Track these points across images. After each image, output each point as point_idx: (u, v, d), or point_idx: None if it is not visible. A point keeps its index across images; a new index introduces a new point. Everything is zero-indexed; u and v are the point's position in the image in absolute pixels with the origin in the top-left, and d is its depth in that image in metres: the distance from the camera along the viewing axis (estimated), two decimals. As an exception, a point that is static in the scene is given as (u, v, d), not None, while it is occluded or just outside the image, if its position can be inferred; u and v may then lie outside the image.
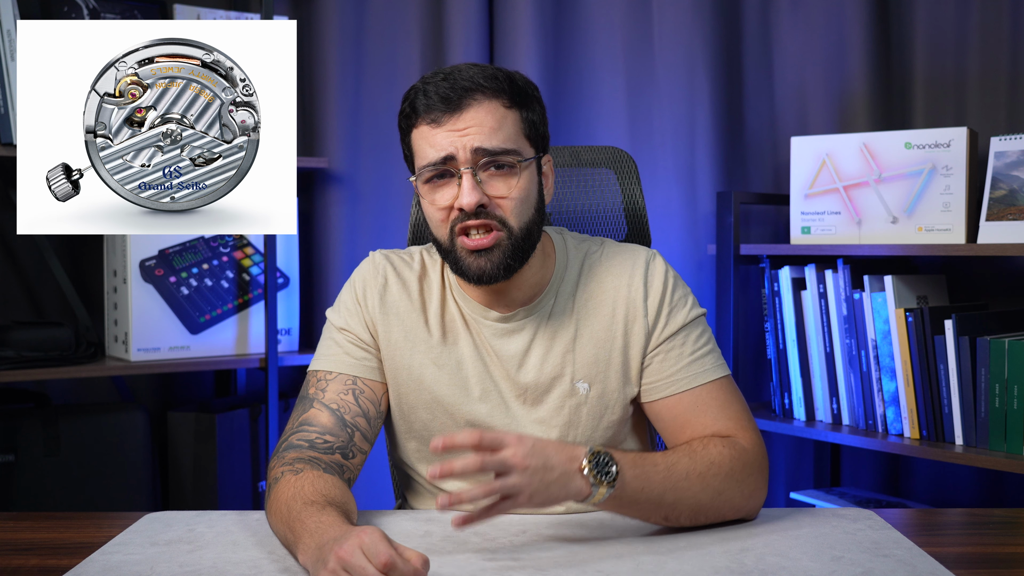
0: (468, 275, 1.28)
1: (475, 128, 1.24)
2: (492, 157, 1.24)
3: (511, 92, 1.27)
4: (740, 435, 1.29)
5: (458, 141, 1.24)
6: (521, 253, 1.28)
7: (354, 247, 2.58)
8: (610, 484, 1.14)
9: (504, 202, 1.26)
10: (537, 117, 1.31)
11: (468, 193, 1.23)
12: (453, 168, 1.25)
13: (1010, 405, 1.97)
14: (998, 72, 2.30)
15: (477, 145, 1.23)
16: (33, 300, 2.44)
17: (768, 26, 2.54)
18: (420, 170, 1.27)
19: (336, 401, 1.31)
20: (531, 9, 2.50)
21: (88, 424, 2.27)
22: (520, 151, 1.27)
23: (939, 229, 2.14)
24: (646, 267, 1.37)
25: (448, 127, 1.24)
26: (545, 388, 1.33)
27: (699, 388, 1.32)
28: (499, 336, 1.34)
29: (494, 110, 1.25)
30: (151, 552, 1.16)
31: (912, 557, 1.13)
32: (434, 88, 1.25)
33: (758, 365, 2.54)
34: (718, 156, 2.54)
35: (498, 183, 1.26)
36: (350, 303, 1.38)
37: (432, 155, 1.25)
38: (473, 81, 1.24)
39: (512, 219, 1.26)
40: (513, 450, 1.09)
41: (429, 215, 1.29)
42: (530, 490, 1.10)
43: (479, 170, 1.24)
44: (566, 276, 1.37)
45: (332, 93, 2.56)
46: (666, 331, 1.34)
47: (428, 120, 1.25)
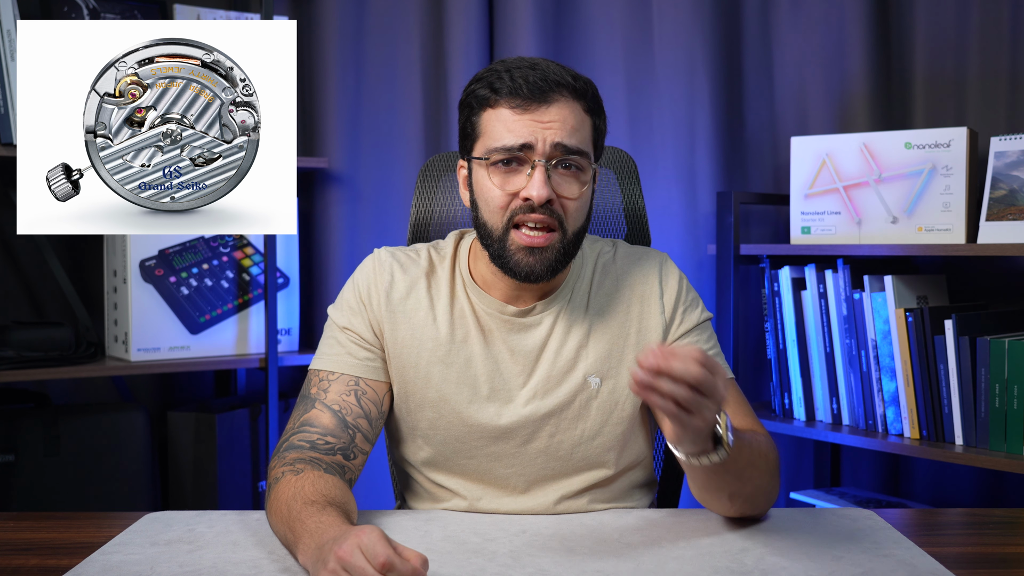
0: (516, 271, 1.28)
1: (559, 123, 1.24)
2: (568, 155, 1.25)
3: (590, 97, 1.29)
4: (763, 432, 1.32)
5: (540, 132, 1.24)
6: (568, 257, 1.30)
7: (354, 247, 2.58)
8: (729, 448, 1.12)
9: (569, 203, 1.27)
10: (603, 128, 1.33)
11: (540, 186, 1.23)
12: (526, 157, 1.25)
13: (1010, 405, 1.97)
14: (998, 72, 2.30)
15: (558, 140, 1.24)
16: (33, 300, 2.44)
17: (768, 26, 2.54)
18: (491, 151, 1.26)
19: (338, 402, 1.31)
20: (531, 9, 2.50)
21: (88, 424, 2.27)
22: (591, 156, 1.29)
23: (939, 229, 2.14)
24: (660, 267, 1.40)
25: (532, 116, 1.24)
26: (557, 381, 1.34)
27: None
28: (516, 331, 1.34)
29: (576, 111, 1.27)
30: (151, 552, 1.16)
31: (912, 557, 1.13)
32: (521, 75, 1.24)
33: (758, 365, 2.54)
34: (718, 156, 2.54)
35: (568, 183, 1.27)
36: (353, 302, 1.37)
37: (510, 140, 1.24)
38: (562, 78, 1.26)
39: (570, 221, 1.27)
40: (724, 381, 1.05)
41: (487, 199, 1.28)
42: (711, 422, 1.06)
43: (552, 166, 1.25)
44: (582, 273, 1.39)
45: (332, 93, 2.56)
46: (682, 327, 1.37)
47: (512, 104, 1.25)
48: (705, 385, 1.02)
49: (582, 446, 1.34)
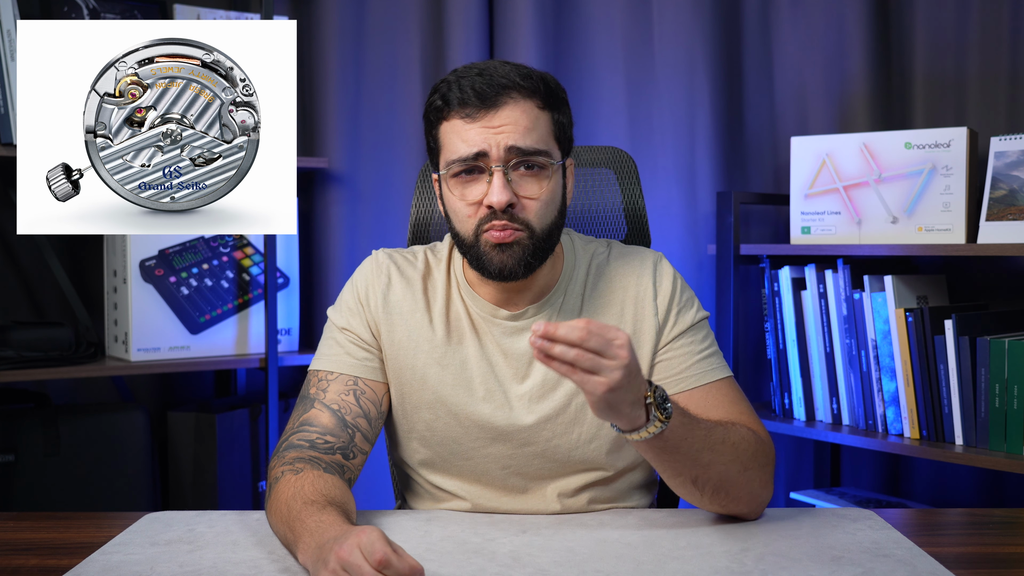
0: (490, 270, 1.28)
1: (510, 127, 1.24)
2: (524, 157, 1.25)
3: (544, 93, 1.28)
4: (755, 428, 1.31)
5: (492, 138, 1.24)
6: (541, 253, 1.29)
7: (354, 247, 2.58)
8: (664, 420, 1.12)
9: (532, 203, 1.26)
10: (566, 120, 1.32)
11: (499, 191, 1.23)
12: (484, 164, 1.25)
13: (1010, 405, 1.97)
14: (998, 72, 2.30)
15: (511, 144, 1.24)
16: (33, 300, 2.44)
17: (768, 26, 2.54)
18: (449, 164, 1.26)
19: (337, 402, 1.31)
20: (531, 9, 2.50)
21: (88, 424, 2.27)
22: (551, 153, 1.28)
23: (939, 229, 2.14)
24: (654, 267, 1.38)
25: (483, 123, 1.24)
26: (552, 385, 1.34)
27: (709, 385, 1.33)
28: (509, 335, 1.34)
29: (529, 110, 1.26)
30: (151, 552, 1.16)
31: (912, 557, 1.13)
32: (469, 83, 1.24)
33: (758, 365, 2.54)
34: (718, 156, 2.54)
35: (528, 183, 1.26)
36: (352, 302, 1.38)
37: (464, 150, 1.25)
38: (510, 79, 1.25)
39: (536, 220, 1.27)
40: (623, 342, 1.06)
41: (455, 210, 1.29)
42: (615, 383, 1.06)
43: (510, 169, 1.25)
44: (575, 275, 1.38)
45: (332, 93, 2.56)
46: (676, 328, 1.35)
47: (462, 114, 1.25)
48: (592, 343, 1.04)
49: (579, 449, 1.34)
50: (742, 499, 1.25)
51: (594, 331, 1.04)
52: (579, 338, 1.04)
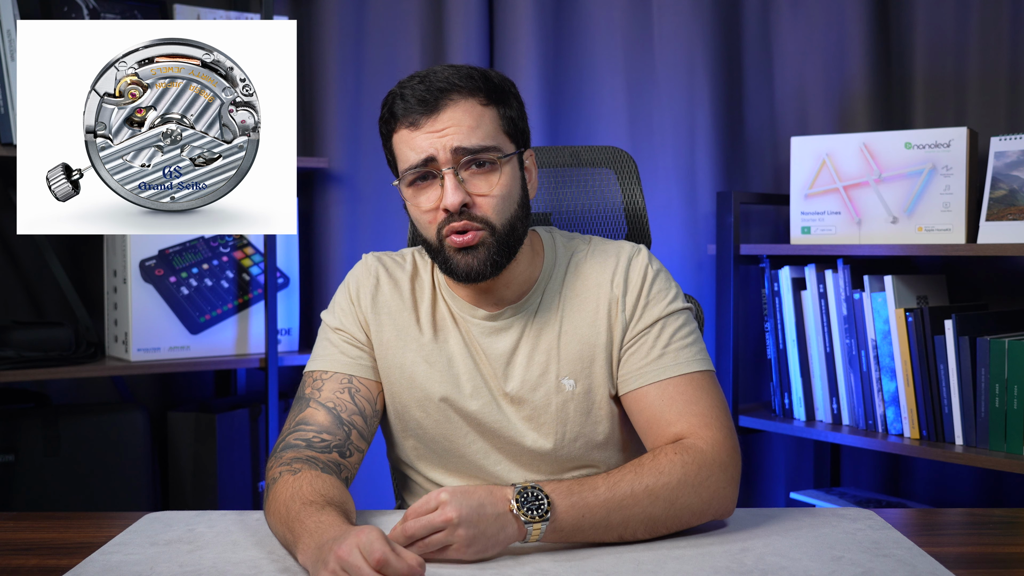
0: (457, 273, 1.28)
1: (453, 128, 1.25)
2: (472, 155, 1.25)
3: (487, 90, 1.28)
4: (700, 433, 1.25)
5: (437, 142, 1.25)
6: (507, 249, 1.29)
7: (354, 247, 2.58)
8: (543, 519, 1.12)
9: (486, 200, 1.26)
10: (515, 113, 1.32)
11: (451, 193, 1.24)
12: (435, 169, 1.26)
13: (1010, 405, 1.97)
14: (998, 72, 2.30)
15: (456, 144, 1.24)
16: (33, 300, 2.44)
17: (768, 26, 2.54)
18: (403, 173, 1.28)
19: (332, 400, 1.32)
20: (531, 9, 2.50)
21: (88, 424, 2.27)
22: (500, 147, 1.28)
23: (939, 229, 2.14)
24: (628, 262, 1.37)
25: (427, 129, 1.25)
26: (532, 386, 1.34)
27: (666, 381, 1.30)
28: (487, 335, 1.35)
29: (471, 109, 1.26)
30: (151, 552, 1.16)
31: (912, 557, 1.13)
32: (411, 91, 1.26)
33: (758, 365, 2.54)
34: (718, 156, 2.54)
35: (480, 181, 1.27)
36: (344, 303, 1.39)
37: (413, 158, 1.26)
38: (448, 81, 1.26)
39: (494, 217, 1.27)
40: (440, 509, 1.08)
41: (416, 218, 1.31)
42: (466, 540, 1.08)
43: (460, 169, 1.25)
44: (553, 274, 1.38)
45: (332, 93, 2.56)
46: (640, 324, 1.33)
47: (407, 124, 1.26)
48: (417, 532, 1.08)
49: (565, 448, 1.34)
50: (686, 522, 1.21)
51: (409, 524, 1.08)
52: (407, 538, 1.08)
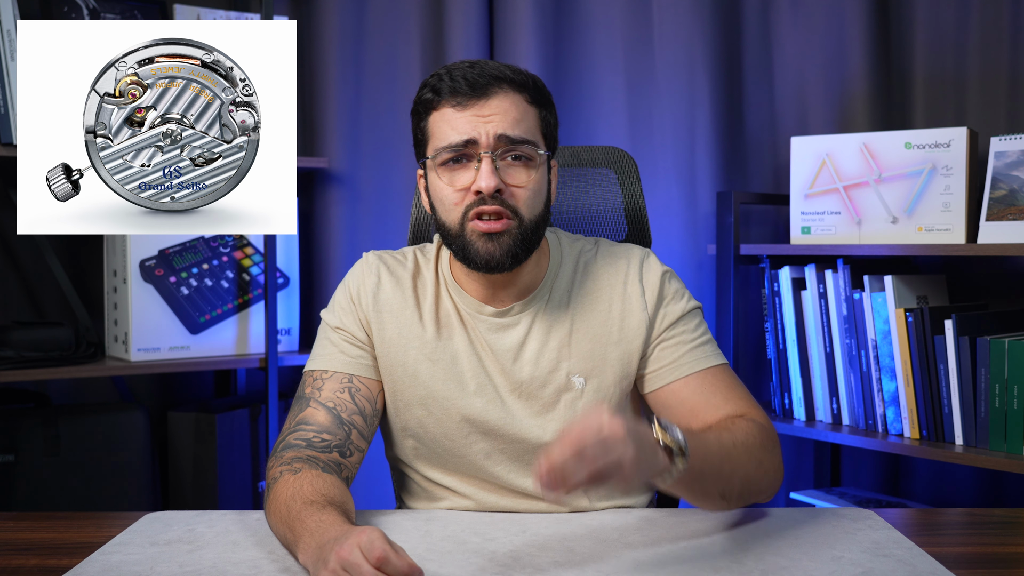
0: (476, 260, 1.28)
1: (499, 116, 1.26)
2: (513, 146, 1.26)
3: (534, 89, 1.30)
4: (753, 413, 1.32)
5: (481, 126, 1.25)
6: (528, 245, 1.29)
7: (354, 247, 2.58)
8: (683, 451, 1.09)
9: (519, 191, 1.27)
10: (552, 119, 1.34)
11: (487, 176, 1.24)
12: (473, 152, 1.26)
13: (1010, 405, 1.97)
14: (998, 72, 2.30)
15: (500, 132, 1.25)
16: (33, 300, 2.44)
17: (768, 26, 2.54)
18: (438, 151, 1.28)
19: (332, 399, 1.32)
20: (531, 9, 2.50)
21: (88, 424, 2.27)
22: (538, 144, 1.30)
23: (939, 229, 2.14)
24: (641, 264, 1.39)
25: (473, 111, 1.26)
26: (541, 383, 1.34)
27: (705, 372, 1.34)
28: (494, 331, 1.35)
29: (518, 102, 1.28)
30: (151, 552, 1.16)
31: (912, 557, 1.13)
32: (460, 73, 1.27)
33: (758, 365, 2.54)
34: (718, 156, 2.54)
35: (516, 172, 1.27)
36: (344, 302, 1.39)
37: (454, 137, 1.26)
38: (500, 71, 1.27)
39: (524, 209, 1.28)
40: (608, 423, 1.02)
41: (441, 197, 1.29)
42: (634, 458, 1.02)
43: (498, 157, 1.26)
44: (560, 272, 1.38)
45: (332, 93, 2.56)
46: (667, 320, 1.36)
47: (452, 103, 1.27)
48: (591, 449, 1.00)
49: None
50: (764, 491, 1.27)
51: (584, 434, 1.00)
52: (577, 451, 1.00)
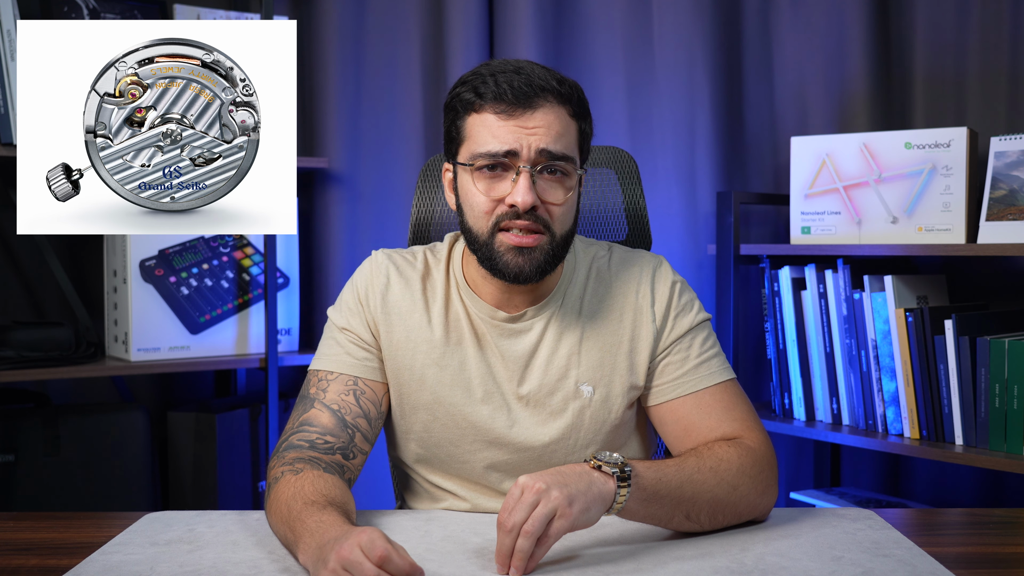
0: (504, 272, 1.27)
1: (544, 129, 1.23)
2: (553, 161, 1.24)
3: (577, 102, 1.28)
4: (746, 436, 1.29)
5: (524, 139, 1.23)
6: (556, 259, 1.29)
7: (354, 247, 2.58)
8: (624, 480, 1.10)
9: (554, 208, 1.25)
10: (589, 130, 1.32)
11: (525, 192, 1.22)
12: (511, 163, 1.24)
13: (1010, 405, 1.97)
14: (998, 72, 2.30)
15: (543, 146, 1.23)
16: (33, 300, 2.44)
17: (768, 26, 2.54)
18: (476, 156, 1.25)
19: (337, 401, 1.31)
20: (531, 9, 2.50)
21: (88, 424, 2.27)
22: (576, 161, 1.27)
23: (939, 229, 2.14)
24: (653, 273, 1.38)
25: (517, 122, 1.23)
26: (550, 390, 1.33)
27: (704, 391, 1.33)
28: (506, 336, 1.34)
29: (562, 116, 1.25)
30: (151, 552, 1.16)
31: (912, 557, 1.13)
32: (506, 79, 1.23)
33: (758, 365, 2.54)
34: (718, 156, 2.54)
35: (553, 188, 1.25)
36: (351, 303, 1.37)
37: (494, 146, 1.23)
38: (547, 83, 1.24)
39: (557, 226, 1.26)
40: (522, 484, 1.06)
41: (472, 203, 1.27)
42: (565, 499, 1.06)
43: (536, 172, 1.24)
44: (574, 279, 1.37)
45: (332, 93, 2.56)
46: (672, 334, 1.35)
47: (496, 110, 1.24)
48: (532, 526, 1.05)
49: (576, 454, 1.33)
50: (741, 514, 1.24)
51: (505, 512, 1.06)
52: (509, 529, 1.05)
